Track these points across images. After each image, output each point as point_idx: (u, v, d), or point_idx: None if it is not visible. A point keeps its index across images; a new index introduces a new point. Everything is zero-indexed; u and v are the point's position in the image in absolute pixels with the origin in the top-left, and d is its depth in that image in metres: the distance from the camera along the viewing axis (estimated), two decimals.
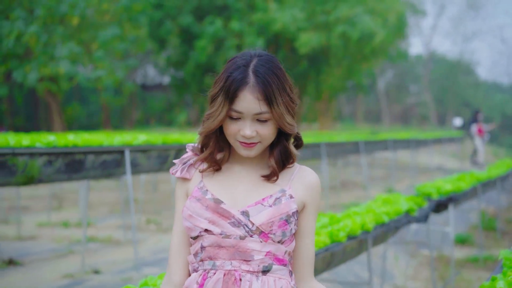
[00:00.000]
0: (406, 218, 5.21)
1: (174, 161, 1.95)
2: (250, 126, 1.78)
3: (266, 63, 1.79)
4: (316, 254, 3.58)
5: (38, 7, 18.35)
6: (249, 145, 1.81)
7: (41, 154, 4.68)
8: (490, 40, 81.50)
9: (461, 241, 9.29)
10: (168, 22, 24.36)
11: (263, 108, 1.76)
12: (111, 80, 20.17)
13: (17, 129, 24.56)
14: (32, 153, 4.60)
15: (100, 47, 20.06)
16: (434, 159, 20.78)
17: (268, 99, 1.75)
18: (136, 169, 5.79)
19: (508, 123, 45.35)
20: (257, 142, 1.81)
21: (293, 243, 1.87)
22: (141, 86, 39.01)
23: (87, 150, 5.11)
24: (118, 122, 36.15)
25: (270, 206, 1.80)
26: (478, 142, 15.57)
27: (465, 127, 18.04)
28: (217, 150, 1.88)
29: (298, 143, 1.94)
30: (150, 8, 22.91)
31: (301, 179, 1.89)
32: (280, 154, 1.87)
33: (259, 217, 1.77)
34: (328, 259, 3.95)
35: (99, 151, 5.26)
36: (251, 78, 1.76)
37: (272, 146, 1.88)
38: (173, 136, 6.42)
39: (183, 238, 1.88)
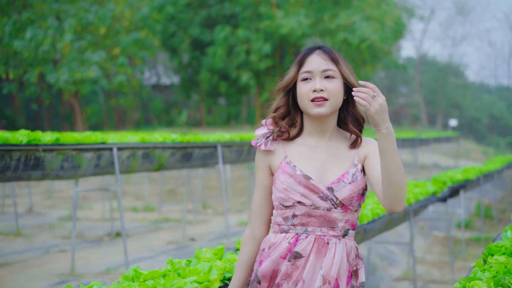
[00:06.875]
0: (433, 197, 6.88)
1: (256, 134, 2.20)
2: (319, 81, 2.07)
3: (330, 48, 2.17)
4: (380, 218, 5.15)
5: (68, 17, 19.88)
6: (319, 101, 2.07)
7: (169, 148, 6.30)
8: (478, 44, 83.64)
9: (464, 225, 10.90)
10: (180, 33, 26.17)
11: (330, 65, 2.10)
12: (133, 83, 21.75)
13: (17, 129, 25.61)
14: (164, 147, 6.22)
15: (122, 52, 21.67)
16: (430, 157, 22.48)
17: (334, 59, 2.11)
18: (223, 160, 7.40)
19: (495, 124, 47.12)
20: (326, 99, 2.08)
21: (360, 209, 2.19)
22: None
23: (195, 145, 6.73)
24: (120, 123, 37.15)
25: (350, 183, 2.10)
26: None
27: None
28: (288, 124, 2.18)
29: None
30: (166, 17, 24.48)
31: (363, 147, 2.18)
32: (353, 118, 2.18)
33: (342, 193, 2.09)
34: (387, 222, 5.59)
35: (202, 146, 6.88)
36: (318, 49, 2.15)
37: (343, 118, 2.18)
38: (247, 134, 8.03)
39: (262, 201, 2.20)
